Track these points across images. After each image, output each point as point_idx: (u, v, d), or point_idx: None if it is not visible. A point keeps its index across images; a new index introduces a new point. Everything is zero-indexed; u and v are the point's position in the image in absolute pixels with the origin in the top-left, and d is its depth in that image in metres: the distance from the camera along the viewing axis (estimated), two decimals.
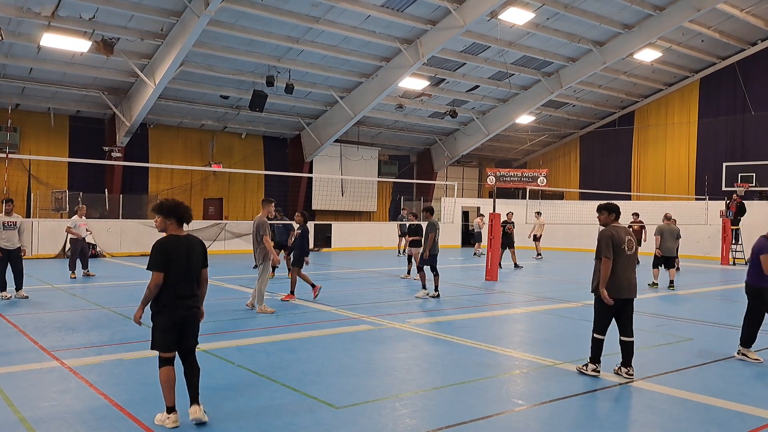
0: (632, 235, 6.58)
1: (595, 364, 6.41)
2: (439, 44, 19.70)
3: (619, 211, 6.65)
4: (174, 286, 4.84)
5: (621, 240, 6.41)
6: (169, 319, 4.84)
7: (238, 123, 25.53)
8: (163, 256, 4.83)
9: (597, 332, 6.44)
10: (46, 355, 6.90)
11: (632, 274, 6.48)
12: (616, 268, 6.36)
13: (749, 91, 26.11)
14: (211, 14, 15.77)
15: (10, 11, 15.73)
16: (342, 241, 26.05)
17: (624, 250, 6.41)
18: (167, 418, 4.81)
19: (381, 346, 7.84)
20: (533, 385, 6.14)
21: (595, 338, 6.43)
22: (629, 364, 6.41)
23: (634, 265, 6.54)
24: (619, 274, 6.37)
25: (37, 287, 12.49)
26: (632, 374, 6.37)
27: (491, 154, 34.45)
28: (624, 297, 6.40)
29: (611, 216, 6.60)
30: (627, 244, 6.43)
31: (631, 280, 6.45)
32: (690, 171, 28.44)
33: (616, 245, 6.37)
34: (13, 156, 19.01)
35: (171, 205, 5.01)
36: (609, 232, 6.46)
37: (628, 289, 6.42)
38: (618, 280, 6.36)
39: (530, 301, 12.13)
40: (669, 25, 21.04)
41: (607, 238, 6.40)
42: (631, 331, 6.46)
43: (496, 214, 15.55)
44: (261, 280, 9.95)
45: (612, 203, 6.71)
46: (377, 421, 5.05)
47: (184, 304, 4.91)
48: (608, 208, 6.64)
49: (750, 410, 5.43)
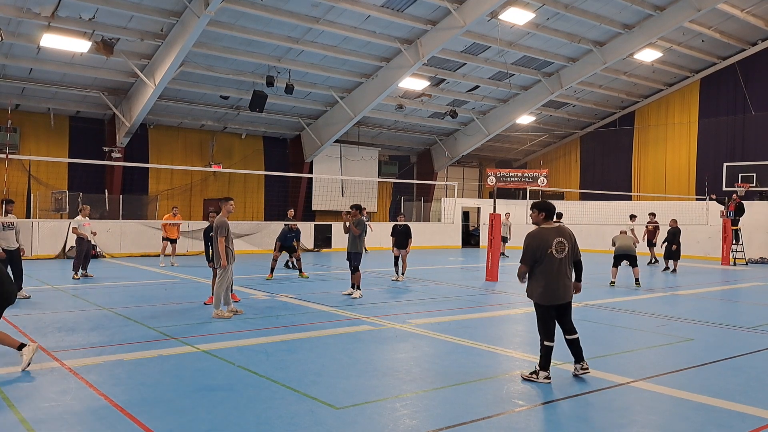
0: (567, 236, 6.32)
1: (546, 371, 6.23)
2: (439, 44, 19.70)
3: (553, 210, 6.43)
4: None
5: (548, 244, 6.21)
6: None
7: (238, 123, 25.53)
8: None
9: (546, 340, 6.27)
10: (46, 356, 6.89)
11: (564, 279, 6.27)
12: (547, 272, 6.21)
13: (749, 91, 26.11)
14: (211, 14, 15.77)
15: (10, 11, 15.73)
16: (342, 242, 25.93)
17: (552, 254, 6.21)
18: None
19: (381, 346, 7.83)
20: (533, 385, 6.13)
21: (545, 345, 6.26)
22: (581, 360, 6.40)
23: (566, 269, 6.29)
24: (551, 279, 6.21)
25: (38, 288, 12.49)
26: (587, 368, 6.38)
27: (491, 155, 34.45)
28: (560, 303, 6.32)
29: (541, 215, 6.39)
30: (556, 247, 6.22)
31: (566, 285, 6.29)
32: (690, 171, 28.44)
33: (541, 249, 6.21)
34: (13, 156, 19.03)
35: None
36: (530, 241, 6.30)
37: (563, 295, 6.30)
38: (550, 285, 6.22)
39: (530, 302, 12.08)
40: (669, 25, 21.05)
41: (527, 246, 6.30)
42: (574, 328, 6.42)
43: (496, 214, 15.55)
44: (219, 284, 9.55)
45: (545, 202, 6.46)
46: (377, 421, 5.05)
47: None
48: (539, 207, 6.42)
49: (750, 410, 5.43)
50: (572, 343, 6.41)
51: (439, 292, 13.23)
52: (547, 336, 6.29)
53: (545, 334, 6.31)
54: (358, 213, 12.15)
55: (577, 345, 6.40)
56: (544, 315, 6.34)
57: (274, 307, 10.66)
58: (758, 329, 9.43)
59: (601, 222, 22.54)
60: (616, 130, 31.14)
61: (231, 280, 9.86)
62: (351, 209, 12.21)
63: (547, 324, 6.32)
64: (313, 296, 12.01)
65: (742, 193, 23.62)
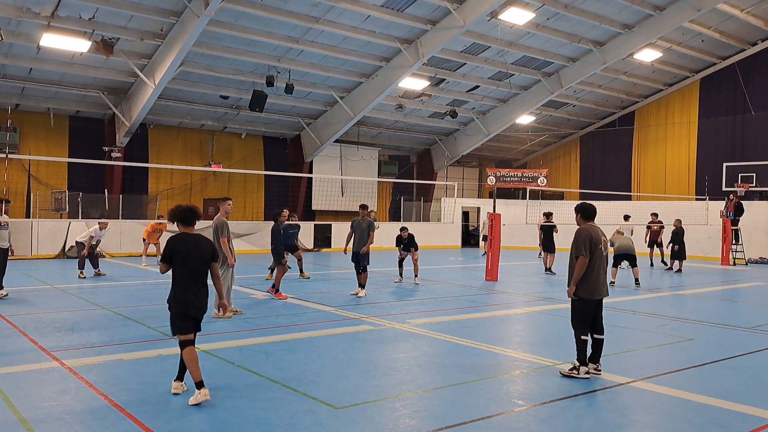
0: (605, 237, 6.57)
1: (586, 366, 6.38)
2: (439, 44, 19.69)
3: (591, 211, 6.66)
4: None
5: (599, 240, 6.49)
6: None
7: (238, 123, 25.52)
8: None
9: (583, 334, 6.46)
10: (45, 356, 6.89)
11: (605, 275, 6.60)
12: (596, 267, 6.49)
13: (749, 91, 26.11)
14: (211, 14, 15.76)
15: (10, 11, 15.72)
16: (342, 242, 25.93)
17: (601, 249, 6.47)
18: (199, 393, 5.28)
19: (381, 346, 7.83)
20: (533, 385, 6.13)
21: (582, 340, 6.41)
22: (598, 361, 6.49)
23: (606, 266, 6.63)
24: (597, 274, 6.47)
25: (38, 287, 12.50)
26: (600, 370, 6.48)
27: (491, 155, 34.44)
28: (601, 298, 6.58)
29: (578, 216, 6.71)
30: (604, 244, 6.51)
31: (605, 281, 6.56)
32: (690, 171, 28.43)
33: (594, 244, 6.43)
34: (12, 156, 19.01)
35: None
36: (586, 234, 6.51)
37: (605, 290, 6.58)
38: (597, 280, 6.48)
39: (530, 302, 12.13)
40: (669, 25, 21.04)
41: (584, 238, 6.50)
42: (603, 328, 6.56)
43: (496, 214, 15.55)
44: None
45: (584, 204, 6.72)
46: (377, 421, 5.05)
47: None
48: (578, 209, 6.72)
49: (750, 410, 5.43)
50: (597, 344, 6.51)
51: (439, 292, 13.23)
52: (584, 330, 6.45)
53: (583, 329, 6.46)
54: (365, 213, 12.28)
55: (600, 346, 6.53)
56: (585, 310, 6.49)
57: (274, 307, 10.66)
58: (758, 329, 9.44)
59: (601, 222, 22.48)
60: (616, 130, 31.13)
61: (234, 279, 9.89)
62: (359, 209, 12.38)
63: (586, 318, 6.49)
64: (313, 296, 12.02)
65: (742, 193, 23.60)
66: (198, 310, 5.62)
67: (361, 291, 12.14)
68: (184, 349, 5.48)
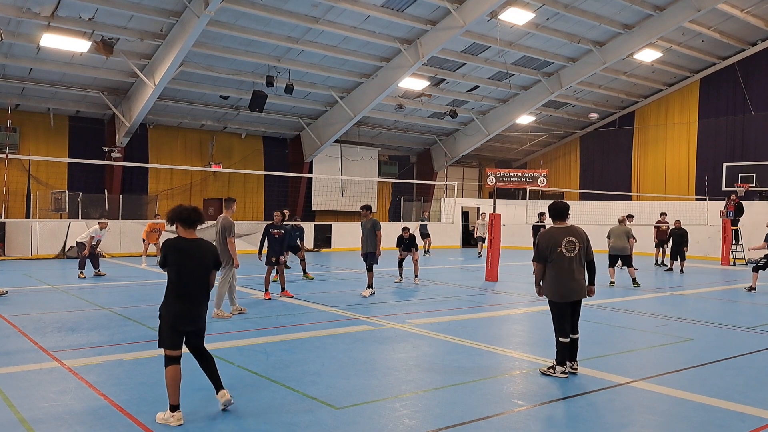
0: (578, 236, 6.43)
1: (563, 366, 6.42)
2: (439, 44, 19.69)
3: (562, 210, 6.59)
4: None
5: (557, 242, 6.41)
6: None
7: (237, 123, 25.52)
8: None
9: (561, 336, 6.45)
10: (45, 356, 6.89)
11: (576, 276, 6.46)
12: (558, 270, 6.42)
13: (749, 91, 26.11)
14: (210, 14, 15.76)
15: (10, 11, 15.72)
16: (342, 242, 26.05)
17: (562, 252, 6.37)
18: (171, 417, 4.85)
19: (381, 346, 7.83)
20: (533, 386, 6.13)
21: (560, 342, 6.44)
22: (574, 359, 6.50)
23: (577, 267, 6.48)
24: (563, 277, 6.40)
25: (38, 288, 12.49)
26: (576, 368, 6.51)
27: (491, 155, 34.45)
28: (573, 300, 6.49)
29: (549, 216, 6.72)
30: (566, 246, 6.39)
31: (579, 282, 6.45)
32: (690, 171, 28.43)
33: (551, 248, 6.41)
34: (12, 156, 19.02)
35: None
36: (540, 240, 6.50)
37: (577, 292, 6.50)
38: (564, 283, 6.43)
39: (530, 302, 12.13)
40: (669, 25, 21.04)
41: (537, 245, 6.50)
42: (577, 328, 6.54)
43: (496, 214, 15.54)
44: (222, 283, 9.55)
45: (555, 203, 6.65)
46: (377, 421, 5.04)
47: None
48: (549, 209, 6.70)
49: (750, 410, 5.43)
50: (572, 342, 6.52)
51: (439, 292, 13.24)
52: (562, 333, 6.45)
53: (560, 330, 6.47)
54: (366, 213, 12.34)
55: (575, 344, 6.54)
56: (559, 312, 6.49)
57: (274, 307, 10.66)
58: (758, 329, 9.43)
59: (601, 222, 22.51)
60: (616, 130, 31.13)
61: (236, 279, 9.92)
62: (361, 210, 12.47)
63: (561, 321, 6.48)
64: (313, 296, 12.02)
65: (742, 194, 23.59)
66: (190, 323, 5.07)
67: (365, 291, 12.18)
68: (167, 367, 4.93)
